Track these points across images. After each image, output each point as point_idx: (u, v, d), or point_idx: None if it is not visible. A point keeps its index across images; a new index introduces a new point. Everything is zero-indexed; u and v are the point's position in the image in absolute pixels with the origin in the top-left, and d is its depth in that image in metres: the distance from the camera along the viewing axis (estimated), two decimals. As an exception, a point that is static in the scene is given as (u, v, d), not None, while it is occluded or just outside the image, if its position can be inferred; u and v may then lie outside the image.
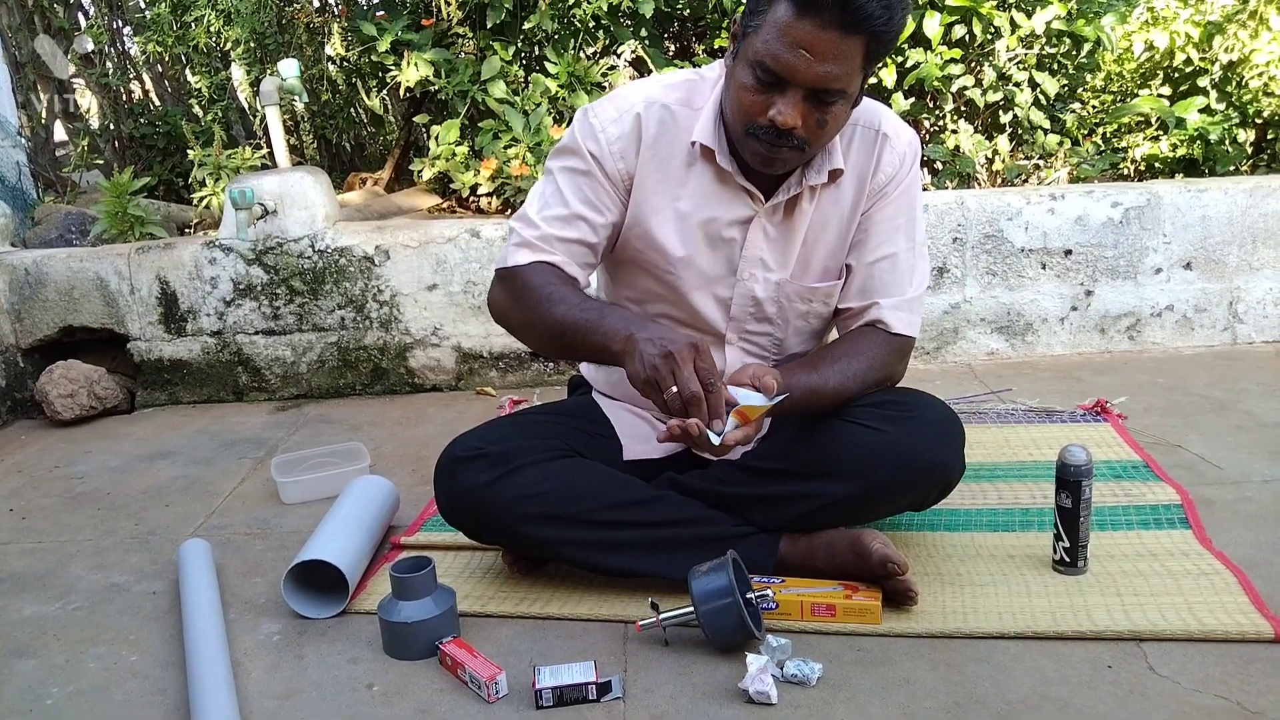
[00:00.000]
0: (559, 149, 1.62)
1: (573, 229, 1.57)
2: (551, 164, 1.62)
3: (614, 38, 3.32)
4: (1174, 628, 1.47)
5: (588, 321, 1.43)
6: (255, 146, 3.47)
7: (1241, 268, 2.96)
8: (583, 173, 1.58)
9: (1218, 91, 3.32)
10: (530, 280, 1.53)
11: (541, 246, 1.56)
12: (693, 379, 1.30)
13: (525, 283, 1.53)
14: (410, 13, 3.34)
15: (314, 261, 2.93)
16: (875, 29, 1.36)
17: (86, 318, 2.99)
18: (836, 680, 1.41)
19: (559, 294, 1.49)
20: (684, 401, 1.30)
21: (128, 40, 4.08)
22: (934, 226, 2.88)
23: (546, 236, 1.56)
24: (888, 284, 1.63)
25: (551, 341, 1.52)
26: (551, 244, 1.56)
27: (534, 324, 1.52)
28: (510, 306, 1.57)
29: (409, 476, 2.31)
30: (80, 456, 2.65)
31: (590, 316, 1.44)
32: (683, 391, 1.30)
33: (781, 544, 1.64)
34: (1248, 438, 2.27)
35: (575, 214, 1.57)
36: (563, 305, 1.47)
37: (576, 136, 1.58)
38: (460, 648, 1.48)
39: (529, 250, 1.56)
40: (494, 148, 3.13)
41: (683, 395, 1.30)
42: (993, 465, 2.16)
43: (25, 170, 3.47)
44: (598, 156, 1.57)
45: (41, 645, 1.66)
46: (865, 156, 1.61)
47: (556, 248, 1.56)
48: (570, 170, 1.59)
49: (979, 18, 3.10)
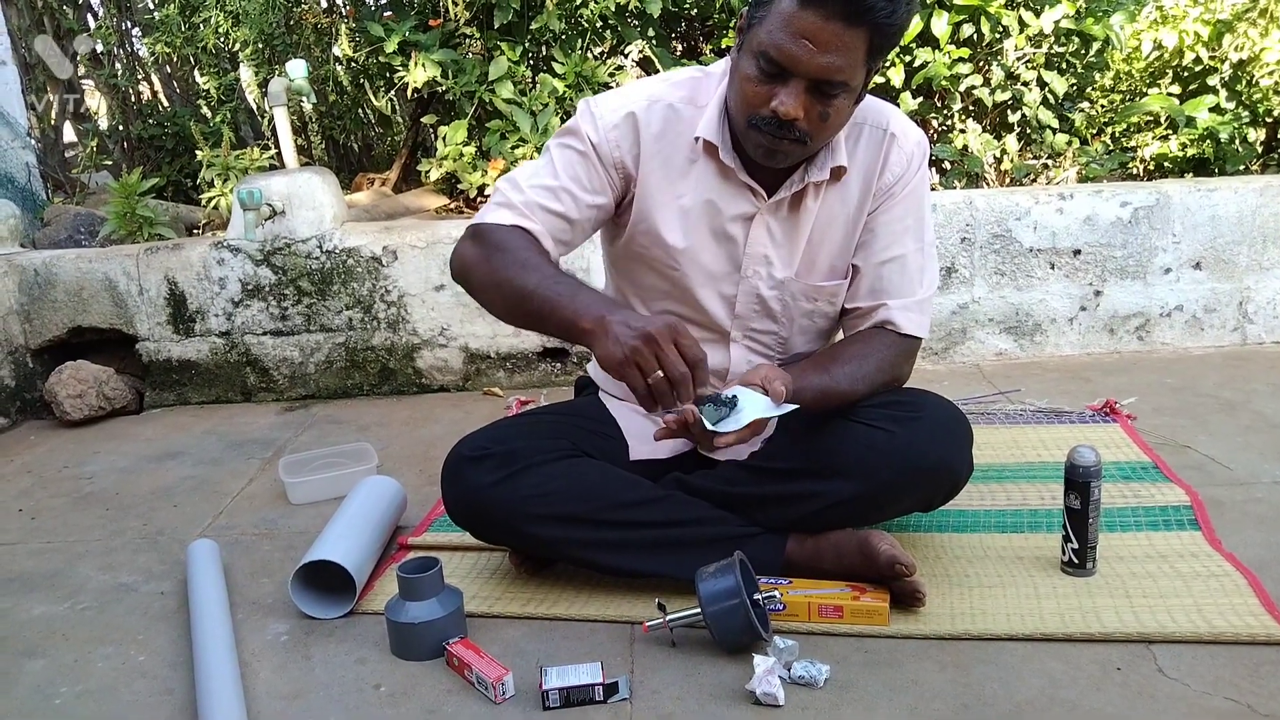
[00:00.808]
0: (559, 131, 1.63)
1: (557, 201, 1.57)
2: (549, 143, 1.63)
3: (621, 38, 3.32)
4: (1183, 630, 1.47)
5: (558, 295, 1.39)
6: (263, 147, 3.47)
7: (1252, 267, 2.95)
8: (578, 152, 1.59)
9: (1228, 90, 3.30)
10: (505, 241, 1.51)
11: (523, 211, 1.55)
12: (678, 360, 1.27)
13: (500, 242, 1.51)
14: (417, 13, 3.35)
15: (322, 262, 2.93)
16: (879, 21, 1.36)
17: (95, 318, 3.00)
18: (844, 682, 1.41)
19: (533, 261, 1.47)
20: (672, 383, 1.27)
21: (136, 41, 4.09)
22: (942, 226, 2.88)
23: (530, 203, 1.55)
24: (897, 285, 1.63)
25: (514, 306, 1.47)
26: (534, 210, 1.55)
27: (499, 285, 1.48)
28: (477, 262, 1.52)
29: (416, 477, 2.31)
30: (89, 457, 2.65)
31: (562, 290, 1.40)
32: (670, 372, 1.27)
33: (789, 545, 1.63)
34: (1258, 438, 2.26)
35: (562, 186, 1.57)
36: (535, 273, 1.44)
37: (576, 121, 1.60)
38: (467, 648, 1.48)
39: (510, 211, 1.55)
40: (501, 148, 3.14)
41: (670, 376, 1.27)
42: (1001, 466, 2.15)
43: (35, 171, 3.49)
44: (595, 142, 1.58)
45: (50, 645, 1.67)
46: (872, 155, 1.60)
47: (537, 215, 1.55)
48: (565, 147, 1.60)
49: (987, 17, 3.09)
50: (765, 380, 1.41)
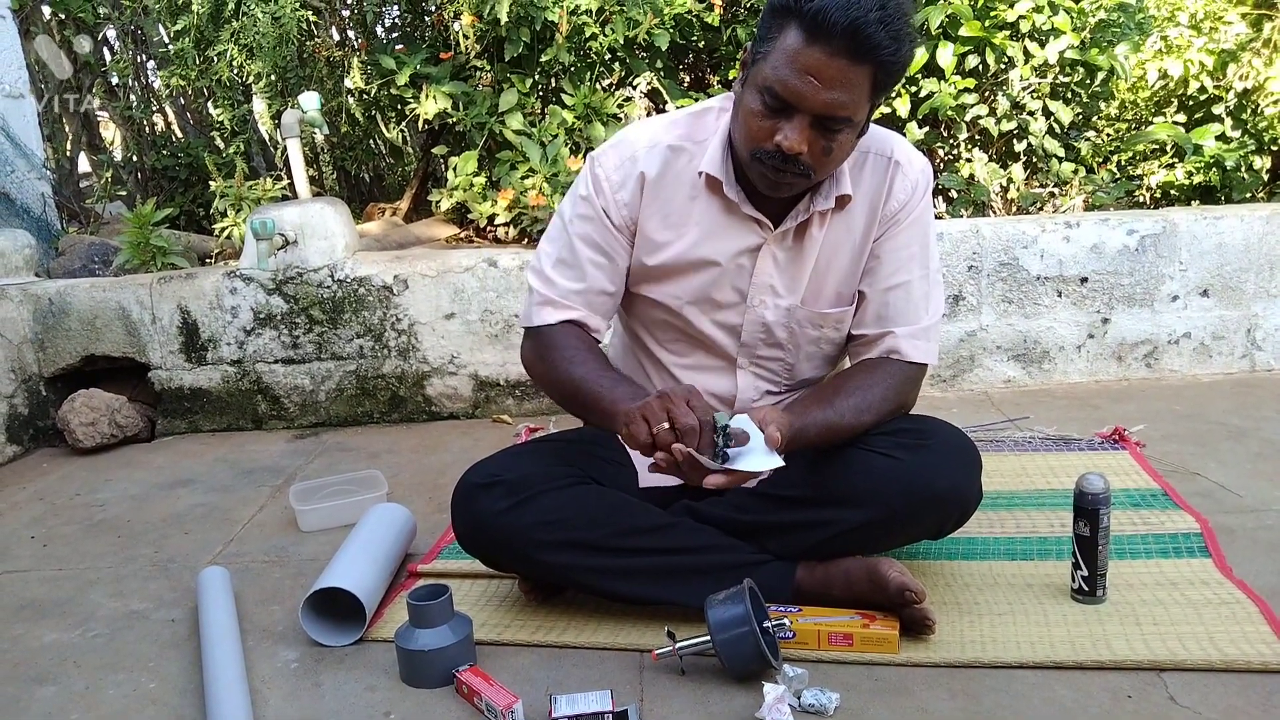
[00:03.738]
0: (569, 197, 1.68)
1: (585, 281, 1.64)
2: (563, 210, 1.68)
3: (630, 70, 3.36)
4: (1195, 658, 1.46)
5: (600, 389, 1.53)
6: (276, 178, 3.51)
7: (1259, 294, 2.95)
8: (590, 220, 1.64)
9: (1233, 119, 3.32)
10: (555, 340, 1.64)
11: (562, 304, 1.64)
12: (689, 413, 1.36)
13: (549, 342, 1.64)
14: (429, 46, 3.39)
15: (333, 291, 2.96)
16: (883, 59, 1.38)
17: (108, 347, 3.03)
18: (854, 710, 1.41)
19: (579, 356, 1.59)
20: (679, 432, 1.35)
21: (151, 74, 4.15)
22: (949, 255, 2.89)
23: (564, 292, 1.64)
24: (902, 312, 1.64)
25: (568, 400, 1.62)
26: (570, 299, 1.64)
27: (555, 381, 1.63)
28: (535, 362, 1.68)
29: (426, 504, 2.32)
30: (101, 484, 2.67)
31: (604, 384, 1.53)
32: (678, 422, 1.35)
33: (798, 572, 1.63)
34: (1267, 465, 2.25)
35: (587, 265, 1.64)
36: (581, 368, 1.57)
37: (585, 186, 1.65)
38: (477, 676, 1.48)
39: (552, 309, 1.65)
40: (511, 178, 3.17)
41: (678, 426, 1.35)
42: (1010, 493, 2.15)
43: (50, 202, 3.53)
44: (605, 207, 1.63)
45: (61, 672, 1.67)
46: (877, 183, 1.62)
47: (575, 301, 1.64)
48: (580, 218, 1.65)
49: (992, 48, 3.12)
50: (763, 423, 1.43)
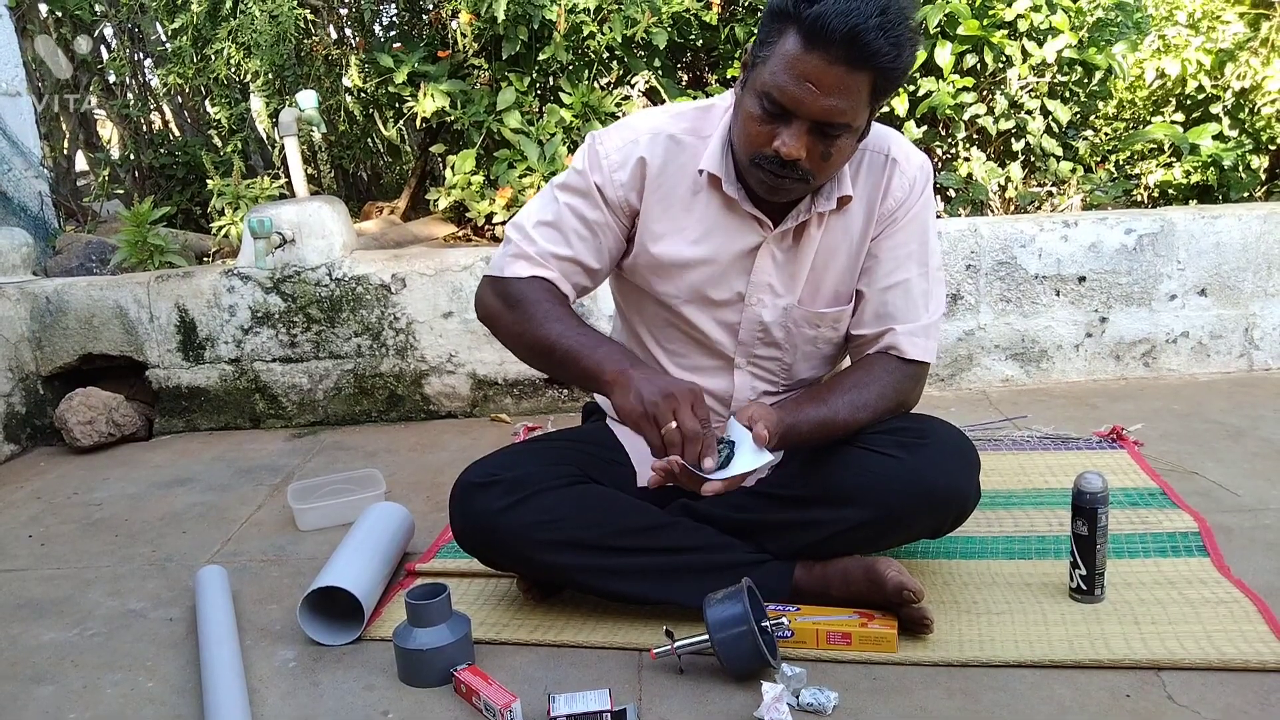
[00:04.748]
0: (565, 172, 1.66)
1: (567, 247, 1.61)
2: (555, 182, 1.66)
3: (628, 68, 3.35)
4: (1193, 657, 1.46)
5: (581, 346, 1.49)
6: (273, 176, 3.50)
7: (1257, 294, 2.95)
8: (583, 194, 1.61)
9: (1230, 118, 3.32)
10: (526, 293, 1.58)
11: (538, 260, 1.60)
12: (692, 419, 1.36)
13: (521, 294, 1.58)
14: (426, 44, 3.39)
15: (331, 289, 2.96)
16: (882, 65, 1.38)
17: (106, 345, 3.02)
18: (852, 709, 1.41)
19: (555, 312, 1.55)
20: (683, 437, 1.36)
21: (148, 72, 4.14)
22: (947, 254, 2.89)
23: (543, 252, 1.60)
24: (901, 310, 1.64)
25: (538, 356, 1.58)
26: (547, 260, 1.60)
27: (524, 334, 1.57)
28: (501, 313, 1.61)
29: (424, 503, 2.32)
30: (99, 483, 2.66)
31: (585, 342, 1.50)
32: (683, 427, 1.36)
33: (796, 571, 1.63)
34: (1265, 464, 2.26)
35: (570, 234, 1.61)
36: (558, 324, 1.53)
37: (581, 161, 1.63)
38: (475, 675, 1.48)
39: (526, 263, 1.60)
40: (509, 177, 3.16)
41: (683, 431, 1.36)
42: (1008, 492, 2.15)
43: (47, 200, 3.52)
44: (600, 183, 1.60)
45: (59, 671, 1.67)
46: (874, 181, 1.61)
47: (551, 264, 1.60)
48: (572, 190, 1.62)
49: (990, 47, 3.12)
50: (751, 420, 1.43)
